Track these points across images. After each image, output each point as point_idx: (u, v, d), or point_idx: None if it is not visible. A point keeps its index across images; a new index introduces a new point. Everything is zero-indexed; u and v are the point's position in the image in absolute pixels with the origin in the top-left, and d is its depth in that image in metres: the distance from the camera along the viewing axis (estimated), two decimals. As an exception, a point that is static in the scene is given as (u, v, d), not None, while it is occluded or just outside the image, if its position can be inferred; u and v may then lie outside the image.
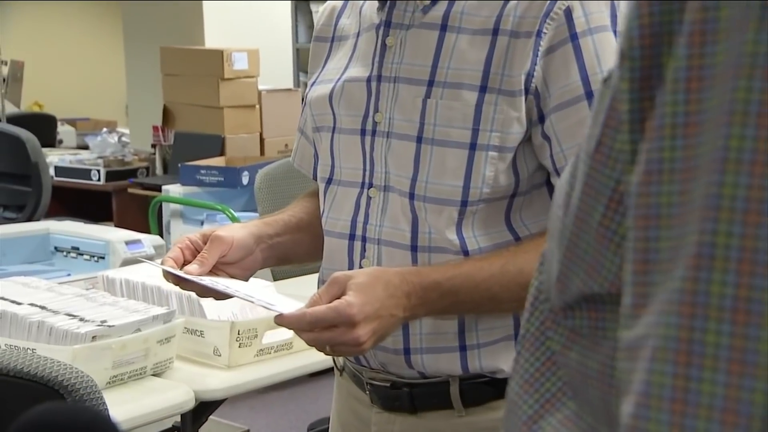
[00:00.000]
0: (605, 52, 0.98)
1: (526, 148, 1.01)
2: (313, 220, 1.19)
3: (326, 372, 1.85)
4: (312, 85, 1.18)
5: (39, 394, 1.02)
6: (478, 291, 0.97)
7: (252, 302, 0.99)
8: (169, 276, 1.07)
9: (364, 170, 1.08)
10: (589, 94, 0.97)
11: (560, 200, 0.45)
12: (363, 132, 1.08)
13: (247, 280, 1.13)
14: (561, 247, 0.44)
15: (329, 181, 1.14)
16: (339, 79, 1.12)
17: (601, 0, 0.99)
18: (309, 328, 0.93)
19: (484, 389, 1.06)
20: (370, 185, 1.08)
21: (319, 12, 1.22)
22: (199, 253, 1.08)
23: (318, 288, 1.17)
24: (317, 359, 1.77)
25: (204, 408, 1.70)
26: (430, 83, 1.02)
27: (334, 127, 1.13)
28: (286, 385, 3.10)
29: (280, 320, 0.94)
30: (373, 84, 1.08)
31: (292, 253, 1.19)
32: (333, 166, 1.13)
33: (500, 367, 1.05)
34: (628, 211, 0.36)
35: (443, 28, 1.03)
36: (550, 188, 1.03)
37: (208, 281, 1.05)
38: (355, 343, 0.93)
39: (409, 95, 1.04)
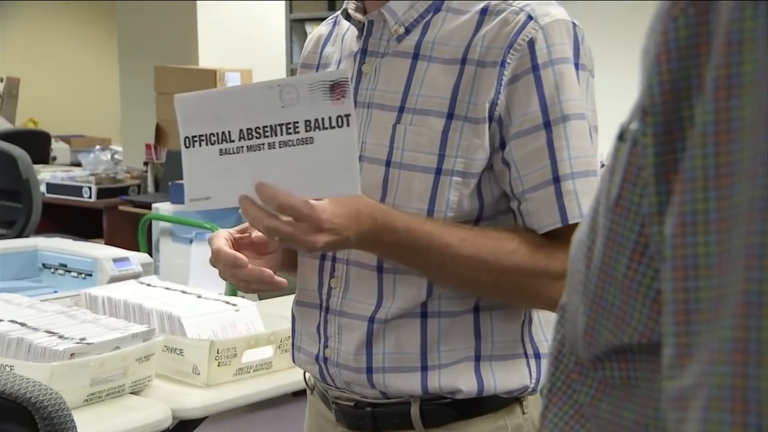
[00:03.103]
0: (564, 83, 1.01)
1: (491, 174, 1.04)
2: None
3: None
4: None
5: (9, 411, 1.03)
6: (429, 254, 1.00)
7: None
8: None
9: None
10: (546, 124, 1.00)
11: (580, 254, 0.46)
12: None
13: None
14: (586, 300, 0.45)
15: None
16: None
17: (564, 32, 1.02)
18: (278, 210, 0.94)
19: (445, 411, 1.07)
20: None
21: (306, 40, 1.26)
22: (237, 246, 1.10)
23: (293, 310, 1.19)
24: (296, 379, 1.77)
25: (183, 427, 1.70)
26: (401, 110, 1.05)
27: None
28: (270, 405, 3.10)
29: (260, 188, 0.94)
30: None
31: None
32: None
33: (458, 387, 1.06)
34: (662, 263, 0.37)
35: (415, 56, 1.06)
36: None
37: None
38: (311, 247, 0.96)
39: (381, 121, 1.07)
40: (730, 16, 0.34)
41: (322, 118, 0.94)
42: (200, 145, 0.98)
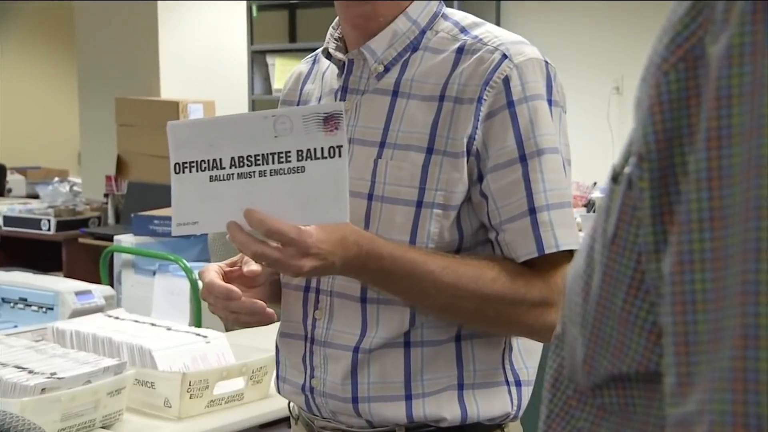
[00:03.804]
0: (539, 118, 1.05)
1: (470, 206, 1.07)
2: None
3: (278, 423, 1.85)
4: None
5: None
6: (412, 281, 1.03)
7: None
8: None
9: None
10: (522, 158, 1.05)
11: (578, 288, 0.49)
12: None
13: None
14: (585, 332, 0.47)
15: None
16: None
17: (537, 70, 1.06)
18: (266, 234, 0.96)
19: None
20: None
21: (287, 76, 1.30)
22: (227, 279, 1.11)
23: (276, 342, 1.20)
24: (268, 410, 1.78)
25: (153, 461, 1.69)
26: (382, 144, 1.09)
27: None
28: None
29: (249, 214, 0.96)
30: None
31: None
32: None
33: (443, 416, 1.08)
34: (661, 298, 0.40)
35: (395, 93, 1.10)
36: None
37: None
38: (296, 272, 0.98)
39: (363, 156, 1.10)
40: (718, 73, 0.38)
41: (315, 149, 0.96)
42: (190, 171, 1.00)
